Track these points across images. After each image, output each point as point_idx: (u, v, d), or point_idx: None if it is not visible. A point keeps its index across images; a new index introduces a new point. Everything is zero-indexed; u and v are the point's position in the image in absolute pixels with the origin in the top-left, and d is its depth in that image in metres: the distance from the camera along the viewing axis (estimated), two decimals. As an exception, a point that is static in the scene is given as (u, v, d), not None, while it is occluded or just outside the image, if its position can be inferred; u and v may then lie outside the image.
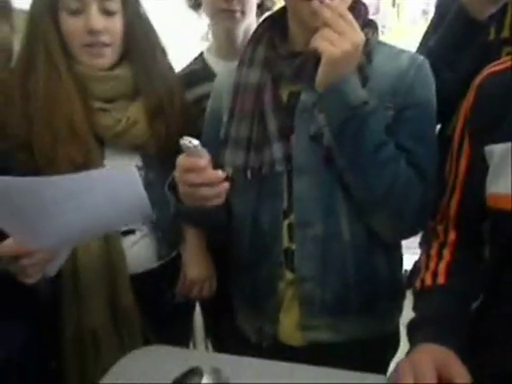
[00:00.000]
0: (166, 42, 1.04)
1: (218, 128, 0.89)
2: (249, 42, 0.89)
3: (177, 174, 0.75)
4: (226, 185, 0.74)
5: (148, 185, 0.95)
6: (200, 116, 1.01)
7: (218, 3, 1.11)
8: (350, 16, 0.72)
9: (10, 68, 0.98)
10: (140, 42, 0.95)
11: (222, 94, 0.91)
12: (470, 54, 0.86)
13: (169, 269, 1.05)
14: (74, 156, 0.89)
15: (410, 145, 0.80)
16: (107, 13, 0.90)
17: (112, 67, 0.94)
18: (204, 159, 0.72)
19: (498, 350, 0.67)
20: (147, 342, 0.93)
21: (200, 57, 1.25)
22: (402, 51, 0.84)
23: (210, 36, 1.27)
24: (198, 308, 1.28)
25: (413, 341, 0.69)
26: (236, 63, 0.89)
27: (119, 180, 0.72)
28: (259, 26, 0.90)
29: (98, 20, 0.89)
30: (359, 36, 0.72)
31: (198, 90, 1.15)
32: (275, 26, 0.87)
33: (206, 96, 0.99)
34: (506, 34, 0.87)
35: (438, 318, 0.68)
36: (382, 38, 0.87)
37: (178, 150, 0.72)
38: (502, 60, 0.74)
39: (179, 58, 1.18)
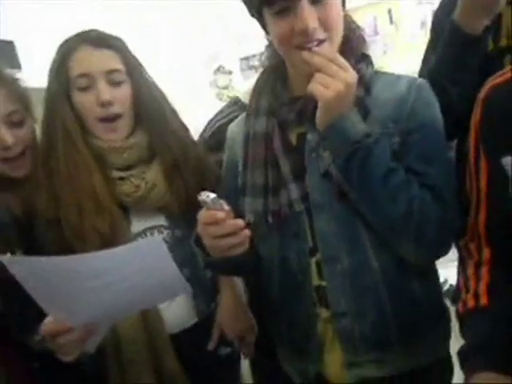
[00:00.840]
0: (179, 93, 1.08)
1: (235, 178, 0.93)
2: (252, 93, 0.93)
3: (199, 228, 0.78)
4: (247, 232, 0.77)
5: (176, 243, 1.00)
6: None
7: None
8: (339, 58, 0.75)
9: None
10: (149, 106, 1.00)
11: (235, 144, 0.95)
12: (473, 68, 0.86)
13: (210, 323, 1.05)
14: (100, 227, 0.92)
15: (420, 167, 0.80)
16: (114, 84, 0.96)
17: (127, 136, 0.99)
18: (222, 211, 0.74)
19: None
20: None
21: (236, 107, 1.25)
22: (400, 77, 0.86)
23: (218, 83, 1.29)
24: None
25: (467, 369, 0.66)
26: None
27: (146, 253, 0.74)
28: (260, 77, 0.93)
29: (106, 92, 0.94)
30: (351, 75, 0.75)
31: None
32: (276, 75, 0.91)
33: None
34: (503, 42, 0.87)
35: (489, 344, 0.66)
36: (384, 57, 0.88)
37: (200, 204, 0.74)
38: (503, 71, 0.74)
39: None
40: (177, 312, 1.00)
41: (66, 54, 0.96)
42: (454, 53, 0.87)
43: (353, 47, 0.85)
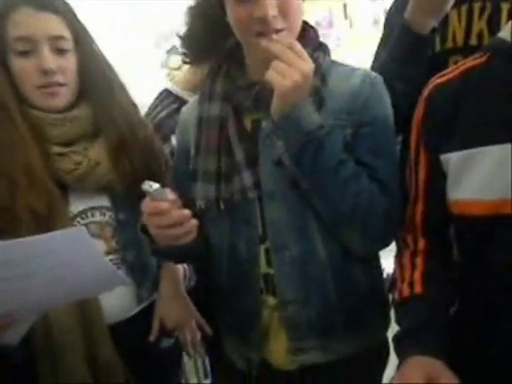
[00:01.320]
0: (128, 73, 1.03)
1: (186, 162, 0.90)
2: (207, 76, 0.91)
3: (143, 218, 0.76)
4: (194, 222, 0.76)
5: (120, 225, 0.95)
6: None
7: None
8: (298, 46, 0.74)
9: None
10: (96, 79, 0.94)
11: (188, 128, 0.93)
12: (420, 66, 0.89)
13: (152, 312, 1.00)
14: (35, 205, 0.85)
15: (369, 160, 0.82)
16: (59, 52, 0.88)
17: (68, 109, 0.92)
18: (167, 201, 0.73)
19: (473, 352, 0.69)
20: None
21: (174, 97, 1.28)
22: (355, 69, 0.87)
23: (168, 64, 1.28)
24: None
25: (400, 354, 0.69)
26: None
27: (70, 243, 0.69)
28: (215, 60, 0.91)
29: (50, 60, 0.87)
30: (308, 65, 0.74)
31: None
32: (230, 57, 0.89)
33: None
34: (450, 44, 0.91)
35: (421, 329, 0.70)
36: (337, 50, 0.89)
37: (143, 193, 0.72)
38: (447, 70, 0.77)
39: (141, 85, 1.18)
40: (117, 300, 0.95)
41: (4, 13, 0.86)
42: (403, 51, 0.90)
43: (310, 36, 0.85)
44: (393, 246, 0.88)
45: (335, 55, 0.92)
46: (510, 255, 0.65)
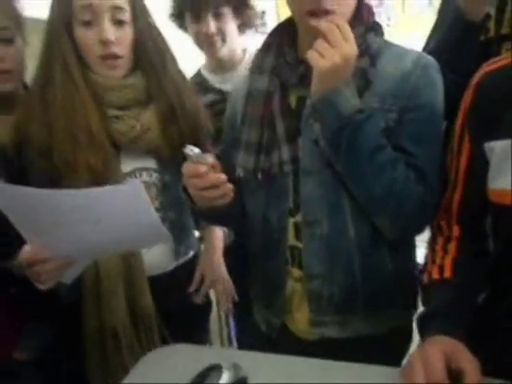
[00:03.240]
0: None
1: (233, 132, 0.94)
2: (259, 49, 0.92)
3: (184, 179, 0.81)
4: (230, 186, 0.80)
5: (164, 186, 1.03)
6: None
7: (201, 37, 1.29)
8: (346, 27, 0.74)
9: (29, 85, 1.03)
10: (150, 51, 1.00)
11: (237, 100, 0.96)
12: (471, 55, 0.87)
13: (187, 269, 1.09)
14: (92, 162, 0.93)
15: (410, 147, 0.81)
16: (118, 23, 0.95)
17: (125, 76, 0.99)
18: (205, 165, 0.77)
19: (502, 341, 0.70)
20: (164, 342, 0.98)
21: (198, 73, 1.44)
22: (408, 51, 0.84)
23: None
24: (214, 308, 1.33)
25: (423, 334, 0.70)
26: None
27: (126, 196, 0.76)
28: (270, 33, 0.92)
29: (110, 31, 0.93)
30: (351, 49, 0.74)
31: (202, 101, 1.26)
32: (285, 32, 0.89)
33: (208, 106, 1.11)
34: (505, 30, 0.88)
35: (447, 312, 0.70)
36: (386, 31, 0.87)
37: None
38: (499, 57, 0.75)
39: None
40: (157, 255, 1.03)
41: None
42: (454, 38, 0.88)
43: (363, 16, 0.84)
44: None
45: (385, 35, 0.91)
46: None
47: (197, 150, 0.77)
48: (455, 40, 0.88)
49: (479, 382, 0.58)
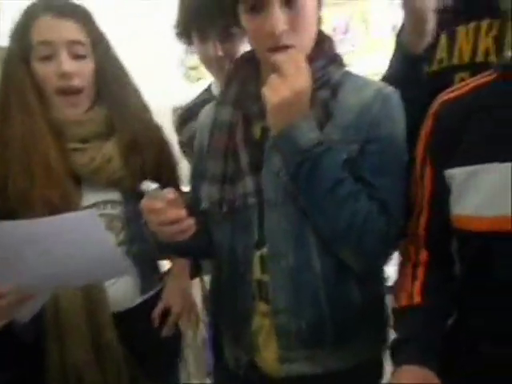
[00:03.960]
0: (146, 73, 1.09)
1: (201, 162, 0.93)
2: (224, 80, 0.93)
3: (143, 215, 0.80)
4: (190, 222, 0.79)
5: (129, 219, 1.01)
6: None
7: (208, 59, 1.18)
8: (300, 60, 0.75)
9: None
10: (111, 83, 0.99)
11: (203, 129, 0.95)
12: (418, 86, 0.88)
13: (154, 304, 1.05)
14: (50, 197, 0.91)
15: (372, 179, 0.81)
16: (77, 57, 0.94)
17: (86, 110, 0.98)
18: (162, 201, 0.77)
19: (467, 364, 0.70)
20: (134, 379, 0.95)
21: (208, 88, 1.31)
22: (369, 83, 0.85)
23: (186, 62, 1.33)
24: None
25: (396, 362, 0.71)
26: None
27: (82, 225, 0.74)
28: (233, 64, 0.93)
29: (68, 63, 0.92)
30: (303, 83, 0.74)
31: None
32: (248, 64, 0.90)
33: None
34: (456, 60, 0.92)
35: (417, 338, 0.71)
36: (352, 55, 0.89)
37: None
38: (455, 87, 0.78)
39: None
40: (122, 289, 1.00)
41: (29, 19, 0.93)
42: (399, 69, 0.91)
43: (324, 48, 0.85)
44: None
45: (349, 60, 0.92)
46: (508, 272, 0.66)
47: (154, 186, 0.77)
48: (400, 71, 0.90)
49: None
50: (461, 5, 0.90)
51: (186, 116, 1.27)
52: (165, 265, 1.17)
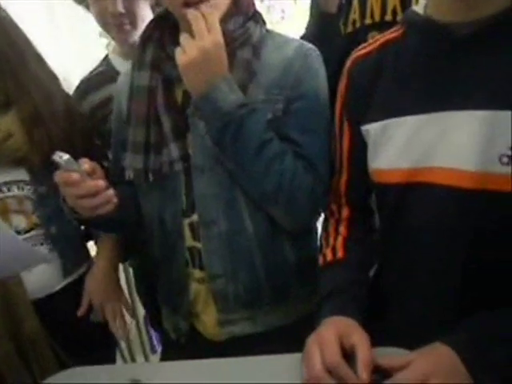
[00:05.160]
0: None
1: (121, 131, 0.88)
2: (138, 42, 0.87)
3: (60, 188, 0.75)
4: (110, 192, 0.76)
5: (41, 199, 0.93)
6: (108, 117, 1.00)
7: (106, 17, 1.09)
8: (212, 17, 0.72)
9: None
10: (6, 50, 0.89)
11: (121, 96, 0.90)
12: (333, 44, 0.90)
13: (80, 285, 1.00)
14: None
15: (297, 136, 0.81)
16: None
17: None
18: (77, 172, 0.72)
19: (395, 311, 0.74)
20: (63, 365, 0.89)
21: (105, 59, 1.23)
22: (290, 40, 0.84)
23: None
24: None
25: (321, 316, 0.72)
26: None
27: None
28: (147, 26, 0.87)
29: None
30: (211, 40, 0.72)
31: (104, 92, 1.14)
32: (165, 24, 0.85)
33: (113, 97, 0.97)
34: (368, 21, 0.94)
35: (340, 291, 0.73)
36: (282, 23, 0.89)
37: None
38: (366, 43, 0.78)
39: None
40: (42, 275, 0.94)
41: None
42: (315, 28, 0.93)
43: (242, 5, 0.83)
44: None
45: (280, 28, 0.92)
46: (421, 220, 0.69)
47: (66, 157, 0.71)
48: (316, 30, 0.92)
49: (369, 353, 0.60)
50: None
51: (83, 89, 1.18)
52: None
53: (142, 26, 1.08)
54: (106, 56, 1.23)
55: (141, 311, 1.58)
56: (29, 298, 0.91)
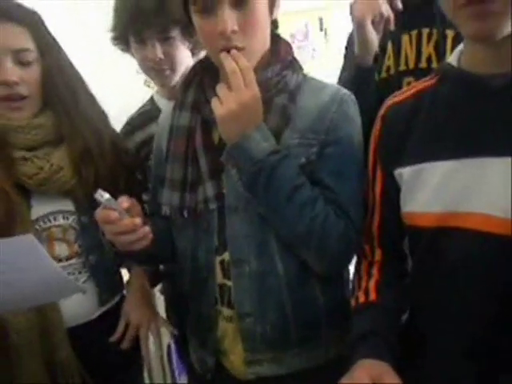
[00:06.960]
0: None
1: (161, 168, 0.92)
2: (181, 84, 0.92)
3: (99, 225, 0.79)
4: (146, 229, 0.80)
5: (83, 229, 0.98)
6: (151, 154, 1.05)
7: (147, 63, 1.16)
8: (248, 71, 0.75)
9: None
10: (60, 89, 0.95)
11: (161, 136, 0.94)
12: (367, 94, 0.93)
13: (115, 315, 1.02)
14: None
15: (330, 181, 0.82)
16: (23, 64, 0.90)
17: (33, 117, 0.94)
18: (116, 210, 0.76)
19: (429, 355, 0.73)
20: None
21: (151, 99, 1.29)
22: (326, 86, 0.86)
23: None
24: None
25: (353, 358, 0.72)
26: None
27: (19, 250, 0.70)
28: (191, 68, 0.93)
29: (13, 72, 0.88)
30: (249, 94, 0.75)
31: (149, 130, 1.21)
32: (206, 68, 0.89)
33: None
34: (403, 67, 0.97)
35: (374, 334, 0.73)
36: (312, 62, 0.93)
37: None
38: (401, 90, 0.81)
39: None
40: (78, 303, 0.96)
41: None
42: (350, 77, 0.96)
43: (280, 53, 0.85)
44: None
45: (310, 67, 0.96)
46: (454, 265, 0.69)
47: (106, 196, 0.76)
48: (353, 80, 0.95)
49: None
50: (404, 15, 0.95)
51: (129, 127, 1.25)
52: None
53: (181, 69, 1.18)
54: (152, 97, 1.30)
55: (165, 340, 1.59)
56: (64, 327, 0.93)
